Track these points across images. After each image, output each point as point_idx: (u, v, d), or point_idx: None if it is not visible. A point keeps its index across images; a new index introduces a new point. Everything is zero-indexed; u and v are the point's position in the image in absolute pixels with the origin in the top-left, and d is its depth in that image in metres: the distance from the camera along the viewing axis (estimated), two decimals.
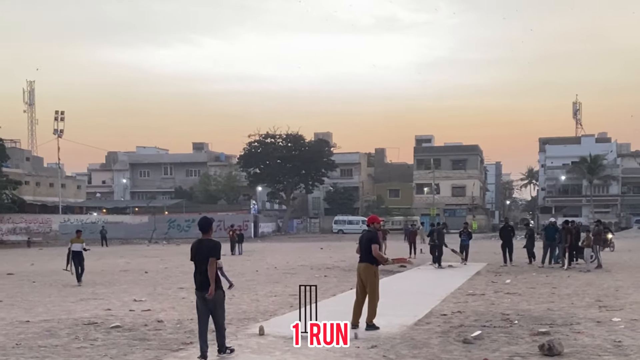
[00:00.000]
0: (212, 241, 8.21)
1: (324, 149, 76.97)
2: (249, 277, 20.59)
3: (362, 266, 10.50)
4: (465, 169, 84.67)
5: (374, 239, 10.60)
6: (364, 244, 10.55)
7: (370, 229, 10.86)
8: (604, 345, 8.90)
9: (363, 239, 10.66)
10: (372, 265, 10.49)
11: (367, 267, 10.46)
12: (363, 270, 10.47)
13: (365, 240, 10.56)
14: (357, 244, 10.88)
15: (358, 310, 10.44)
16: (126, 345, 9.41)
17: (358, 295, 10.55)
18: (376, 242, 10.56)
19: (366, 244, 10.50)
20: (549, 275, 19.87)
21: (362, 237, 10.75)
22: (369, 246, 10.45)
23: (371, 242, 10.47)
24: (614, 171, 79.55)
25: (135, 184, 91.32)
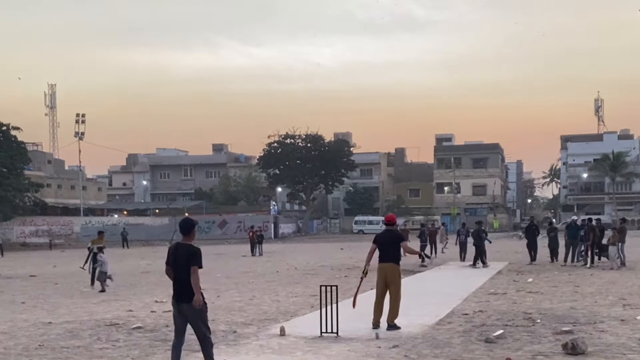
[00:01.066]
0: (192, 247, 7.31)
1: (343, 149, 76.91)
2: (270, 278, 20.61)
3: (388, 266, 10.37)
4: (486, 167, 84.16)
5: (402, 237, 10.61)
6: (388, 243, 10.41)
7: (391, 228, 10.72)
8: (628, 343, 8.79)
9: (386, 238, 10.50)
10: (397, 265, 10.45)
11: (394, 267, 10.39)
12: (390, 270, 10.36)
13: (391, 239, 10.45)
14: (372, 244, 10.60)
15: (379, 310, 10.40)
16: (148, 346, 9.46)
17: (379, 296, 10.48)
18: (405, 240, 10.64)
19: (392, 243, 10.39)
20: (571, 273, 19.67)
21: (382, 237, 10.58)
22: (396, 245, 10.38)
23: (401, 240, 10.46)
24: (637, 168, 78.67)
25: (156, 186, 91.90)
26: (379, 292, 10.49)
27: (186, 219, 7.71)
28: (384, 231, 10.78)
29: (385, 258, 10.41)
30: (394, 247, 10.42)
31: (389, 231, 10.64)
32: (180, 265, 7.25)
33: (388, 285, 10.39)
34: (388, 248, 10.40)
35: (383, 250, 10.42)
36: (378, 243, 10.51)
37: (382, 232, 10.82)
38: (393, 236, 10.53)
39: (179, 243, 7.46)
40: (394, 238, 10.49)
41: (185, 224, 7.51)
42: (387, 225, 10.78)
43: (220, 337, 10.01)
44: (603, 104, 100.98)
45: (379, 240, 10.56)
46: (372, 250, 10.52)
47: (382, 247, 10.44)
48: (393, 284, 10.38)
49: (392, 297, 10.34)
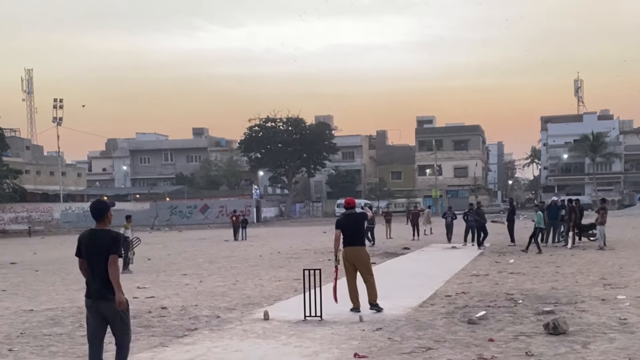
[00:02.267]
0: (110, 232, 6.15)
1: (325, 132, 76.84)
2: (253, 263, 20.58)
3: (356, 249, 10.31)
4: (467, 149, 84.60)
5: (366, 215, 10.79)
6: (351, 227, 10.32)
7: (352, 212, 10.56)
8: (609, 323, 8.87)
9: (348, 222, 10.37)
10: (363, 247, 10.46)
11: (360, 249, 10.36)
12: (356, 253, 10.30)
13: (354, 222, 10.37)
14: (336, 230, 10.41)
15: (356, 293, 10.34)
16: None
17: (350, 280, 10.38)
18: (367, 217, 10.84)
19: (355, 226, 10.34)
20: (552, 254, 19.84)
21: (344, 221, 10.42)
22: (360, 228, 10.36)
23: (364, 220, 10.56)
24: (616, 148, 79.43)
25: (136, 171, 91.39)
26: (350, 276, 10.39)
27: (97, 201, 6.46)
28: (345, 215, 10.60)
29: (350, 242, 10.33)
30: (358, 230, 10.38)
31: (350, 215, 10.53)
32: (98, 255, 6.04)
33: (357, 268, 10.34)
34: (352, 231, 10.33)
35: (347, 234, 10.32)
36: (342, 228, 10.38)
37: (343, 216, 10.63)
38: (355, 219, 10.46)
39: (93, 229, 6.22)
40: (357, 221, 10.44)
41: (98, 208, 6.26)
42: (347, 209, 10.64)
43: (203, 322, 9.97)
44: (583, 85, 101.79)
45: (342, 225, 10.41)
46: (337, 236, 10.38)
47: (346, 232, 10.34)
48: (362, 266, 10.35)
49: (366, 278, 10.32)
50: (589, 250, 20.72)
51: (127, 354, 6.34)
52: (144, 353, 7.97)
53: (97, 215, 6.23)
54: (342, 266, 10.44)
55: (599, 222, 21.37)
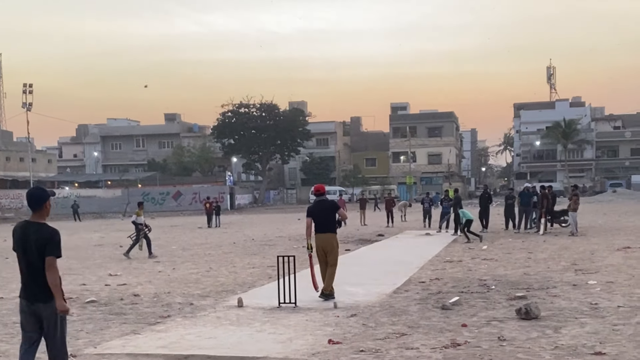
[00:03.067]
0: (45, 229, 5.28)
1: (299, 118, 76.55)
2: (227, 250, 20.49)
3: (325, 236, 10.26)
4: (441, 136, 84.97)
5: (336, 206, 10.54)
6: (322, 213, 10.28)
7: (322, 198, 10.54)
8: (580, 307, 8.97)
9: (319, 208, 10.34)
10: (334, 234, 10.37)
11: (330, 236, 10.30)
12: (326, 240, 10.27)
13: (325, 209, 10.33)
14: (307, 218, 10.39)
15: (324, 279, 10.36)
16: (102, 319, 9.29)
17: (323, 266, 10.39)
18: (340, 207, 10.62)
19: (326, 213, 10.29)
20: (525, 240, 20.04)
21: (315, 208, 10.40)
22: (331, 214, 10.30)
23: (335, 209, 10.39)
24: (588, 135, 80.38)
25: (107, 157, 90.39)
26: (320, 261, 10.42)
27: (36, 188, 5.63)
28: (315, 202, 10.61)
29: (321, 228, 10.30)
30: (329, 217, 10.32)
31: (321, 201, 10.50)
32: (33, 253, 5.24)
33: (326, 255, 10.33)
34: (322, 218, 10.29)
35: (318, 221, 10.30)
36: (313, 215, 10.36)
37: (314, 203, 10.63)
38: (326, 206, 10.42)
39: (28, 222, 5.39)
40: (328, 207, 10.39)
41: (34, 196, 5.39)
42: (317, 196, 10.63)
43: (176, 309, 9.90)
44: (555, 72, 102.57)
45: (313, 212, 10.40)
46: (309, 224, 10.36)
47: (317, 218, 10.31)
48: (331, 254, 10.31)
49: (330, 266, 10.29)
50: (560, 236, 20.96)
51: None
52: (115, 340, 7.88)
53: (34, 204, 5.34)
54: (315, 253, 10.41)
55: (571, 208, 21.61)
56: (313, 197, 10.88)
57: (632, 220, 28.31)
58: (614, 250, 16.21)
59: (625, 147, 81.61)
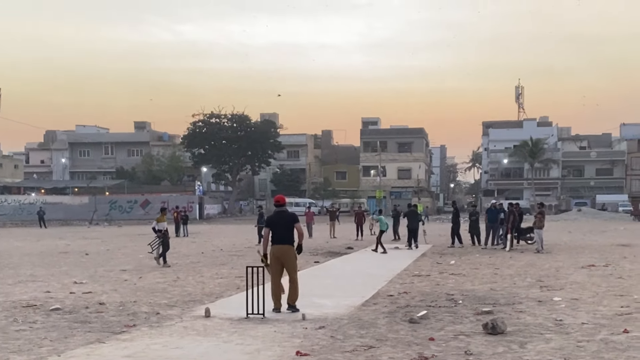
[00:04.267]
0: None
1: (270, 130, 76.51)
2: (195, 259, 20.33)
3: (284, 248, 10.15)
4: (411, 151, 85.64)
5: (295, 218, 10.43)
6: (281, 225, 10.17)
7: (282, 209, 10.41)
8: (545, 324, 9.07)
9: (278, 219, 10.23)
10: (292, 246, 10.26)
11: (289, 248, 10.21)
12: (286, 252, 10.16)
13: (284, 220, 10.22)
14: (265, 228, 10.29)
15: (279, 293, 10.17)
16: (67, 327, 9.14)
17: (276, 279, 10.20)
18: (298, 220, 10.42)
19: (285, 224, 10.18)
20: (491, 256, 20.23)
21: (274, 219, 10.29)
22: (289, 226, 10.19)
23: (294, 221, 10.29)
24: (554, 155, 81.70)
25: (75, 164, 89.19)
26: (274, 274, 10.21)
27: None
28: (275, 213, 10.46)
29: (278, 240, 10.18)
30: (287, 228, 10.20)
31: (280, 212, 10.38)
32: None
33: (285, 267, 10.20)
34: (281, 229, 10.17)
35: (276, 232, 10.19)
36: (271, 225, 10.26)
37: (274, 213, 10.48)
38: (285, 217, 10.30)
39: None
40: (287, 219, 10.28)
41: None
42: (277, 207, 10.49)
43: (142, 319, 9.78)
44: (523, 91, 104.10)
45: (271, 222, 10.30)
46: (266, 234, 10.24)
47: (275, 229, 10.21)
48: (289, 266, 10.21)
49: (292, 278, 10.19)
50: (526, 253, 21.21)
51: None
52: (80, 349, 7.75)
53: None
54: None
55: (537, 225, 21.90)
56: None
57: (596, 239, 28.79)
58: (578, 268, 16.45)
59: (590, 167, 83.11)
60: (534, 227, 22.25)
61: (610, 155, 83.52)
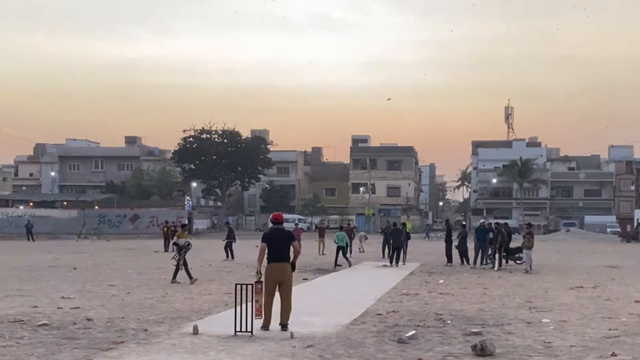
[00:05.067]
0: None
1: (260, 146, 76.62)
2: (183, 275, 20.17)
3: (283, 265, 10.09)
4: (401, 169, 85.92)
5: (293, 236, 10.44)
6: (278, 242, 10.13)
7: (280, 227, 10.37)
8: (534, 346, 9.09)
9: (276, 236, 10.19)
10: (289, 264, 10.22)
11: (286, 266, 10.14)
12: (282, 270, 10.08)
13: (282, 237, 10.19)
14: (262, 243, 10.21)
15: (269, 311, 10.06)
16: (54, 344, 9.07)
17: (269, 296, 10.08)
18: (296, 239, 10.45)
19: (283, 241, 10.15)
20: (480, 276, 20.28)
21: (272, 235, 10.23)
22: (287, 244, 10.16)
23: (292, 240, 10.28)
24: (543, 175, 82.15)
25: (65, 178, 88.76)
26: (270, 292, 10.09)
27: None
28: (272, 229, 10.39)
29: (276, 257, 10.10)
30: (285, 246, 10.16)
31: (278, 230, 10.34)
32: None
33: (280, 285, 10.12)
34: (279, 247, 10.12)
35: (274, 249, 10.11)
36: (268, 242, 10.17)
37: (271, 230, 10.41)
38: (283, 234, 10.28)
39: None
40: (285, 236, 10.25)
41: None
42: (274, 224, 10.42)
43: (130, 335, 9.72)
44: (513, 112, 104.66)
45: (269, 239, 10.20)
46: (263, 250, 10.13)
47: (273, 246, 10.12)
48: (286, 284, 10.15)
49: (286, 297, 10.12)
50: (515, 273, 21.26)
51: None
52: None
53: None
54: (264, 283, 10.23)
55: (526, 246, 21.98)
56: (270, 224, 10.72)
57: (584, 260, 28.91)
58: (567, 289, 16.51)
59: (579, 188, 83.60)
60: (523, 247, 22.33)
61: (599, 176, 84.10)
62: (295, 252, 10.33)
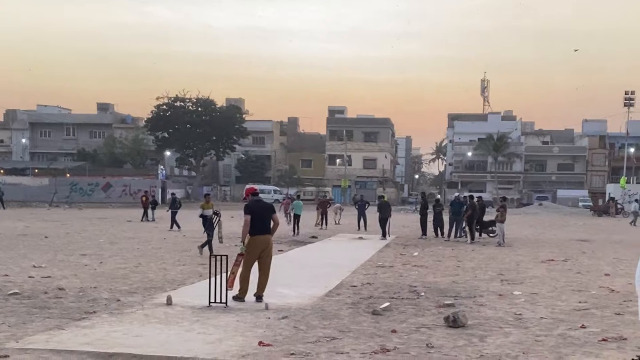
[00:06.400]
0: None
1: (235, 115, 75.90)
2: (156, 245, 20.12)
3: (267, 238, 10.09)
4: (377, 141, 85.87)
5: (274, 209, 10.42)
6: (262, 214, 10.06)
7: (259, 198, 10.36)
8: (505, 317, 9.21)
9: (259, 208, 10.10)
10: (271, 236, 10.24)
11: (270, 238, 10.18)
12: (269, 242, 10.12)
13: (264, 209, 10.15)
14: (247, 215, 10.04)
15: (247, 282, 10.05)
16: (25, 313, 8.97)
17: (249, 267, 10.08)
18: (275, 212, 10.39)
19: (265, 213, 10.11)
20: (454, 248, 20.45)
21: (255, 207, 10.09)
22: (269, 216, 10.13)
23: (273, 212, 10.26)
24: (517, 149, 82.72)
25: (35, 145, 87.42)
26: (249, 264, 10.09)
27: None
28: (254, 202, 10.24)
29: (261, 230, 10.06)
30: (267, 218, 10.13)
31: (259, 202, 10.28)
32: None
33: (261, 257, 10.11)
34: (263, 219, 10.08)
35: (257, 221, 10.03)
36: (252, 214, 10.03)
37: (253, 202, 10.24)
38: (265, 206, 10.24)
39: None
40: (266, 208, 10.22)
41: None
42: (254, 196, 10.34)
43: (102, 305, 9.65)
44: (489, 85, 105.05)
45: (252, 211, 10.05)
46: (248, 222, 9.94)
47: (256, 218, 10.02)
48: (268, 256, 10.16)
49: (266, 269, 10.12)
50: (488, 246, 21.50)
51: None
52: (38, 335, 7.62)
53: None
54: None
55: (499, 219, 22.19)
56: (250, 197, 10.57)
57: (555, 234, 29.31)
58: (538, 262, 16.73)
59: (552, 162, 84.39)
60: (496, 221, 22.54)
61: (572, 150, 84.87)
62: (275, 223, 10.27)
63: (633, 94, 75.73)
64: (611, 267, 15.75)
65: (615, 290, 11.87)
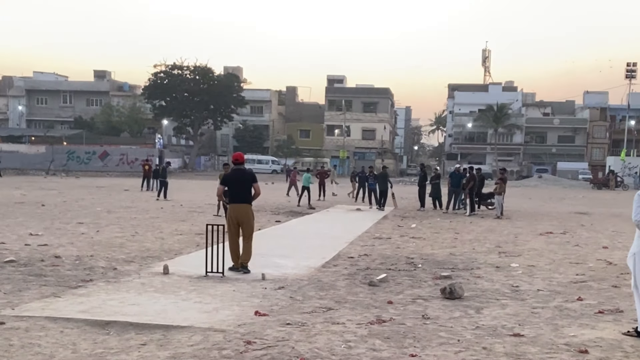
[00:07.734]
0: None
1: (233, 84, 75.37)
2: (154, 214, 20.09)
3: (242, 207, 10.03)
4: (376, 112, 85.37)
5: (255, 178, 10.29)
6: (238, 183, 10.03)
7: (241, 167, 10.27)
8: (502, 289, 9.20)
9: (236, 178, 10.08)
10: (249, 205, 10.15)
11: (246, 207, 10.08)
12: (243, 211, 10.04)
13: (242, 179, 10.08)
14: (220, 185, 10.20)
15: (237, 252, 10.09)
16: (21, 280, 8.95)
17: (235, 238, 10.10)
18: (257, 181, 10.27)
19: (243, 182, 10.04)
20: (452, 220, 20.44)
21: (232, 177, 10.14)
22: (247, 185, 10.06)
23: (253, 181, 10.15)
24: (518, 120, 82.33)
25: (32, 112, 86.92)
26: (232, 234, 10.11)
27: None
28: (232, 170, 10.31)
29: (236, 198, 10.06)
30: (245, 187, 10.07)
31: (239, 170, 10.22)
32: None
33: (241, 226, 10.08)
34: (238, 188, 10.04)
35: (234, 190, 10.06)
36: (228, 183, 10.15)
37: (231, 171, 10.34)
38: (244, 175, 10.16)
39: None
40: (245, 178, 10.14)
41: None
42: (235, 164, 10.32)
43: (99, 273, 9.63)
44: (490, 56, 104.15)
45: (228, 180, 10.18)
46: (220, 192, 10.07)
47: (232, 187, 10.07)
48: (246, 225, 10.09)
49: (245, 237, 10.09)
50: (487, 218, 21.48)
51: None
52: (35, 302, 7.60)
53: None
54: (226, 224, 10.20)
55: (497, 192, 22.14)
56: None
57: (555, 206, 29.31)
58: (536, 235, 16.71)
59: (553, 134, 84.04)
60: (495, 193, 22.50)
61: (573, 122, 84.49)
62: (256, 193, 10.21)
63: (635, 65, 75.13)
64: (609, 240, 15.75)
65: (612, 263, 11.87)
